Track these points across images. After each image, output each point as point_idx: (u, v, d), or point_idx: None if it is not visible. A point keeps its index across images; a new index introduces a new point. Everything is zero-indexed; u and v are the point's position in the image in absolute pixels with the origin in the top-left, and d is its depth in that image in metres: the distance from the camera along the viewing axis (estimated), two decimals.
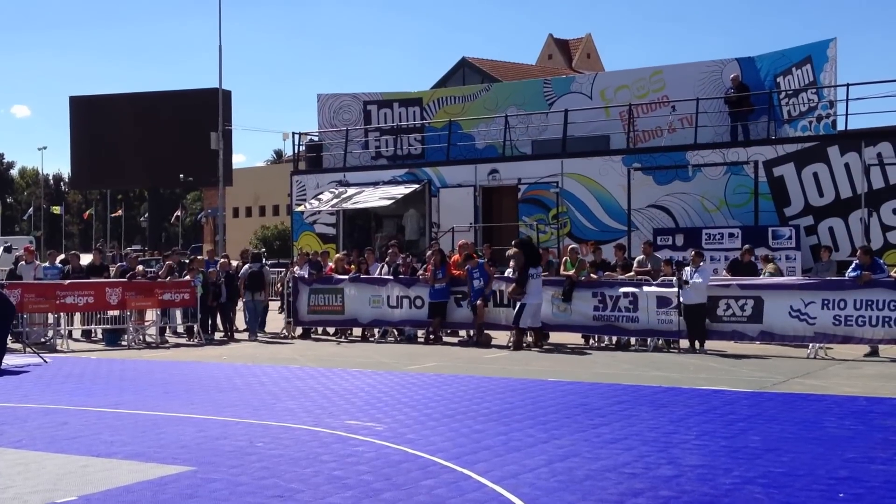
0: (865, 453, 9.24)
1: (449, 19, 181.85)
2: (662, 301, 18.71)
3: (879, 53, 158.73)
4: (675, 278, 18.49)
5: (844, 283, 17.69)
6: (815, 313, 17.59)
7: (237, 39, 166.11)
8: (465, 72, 60.39)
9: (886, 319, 17.14)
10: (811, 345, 17.71)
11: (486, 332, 20.41)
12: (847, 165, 23.03)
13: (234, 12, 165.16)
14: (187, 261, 24.09)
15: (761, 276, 19.22)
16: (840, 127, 24.77)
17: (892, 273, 17.50)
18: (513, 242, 21.06)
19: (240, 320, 23.99)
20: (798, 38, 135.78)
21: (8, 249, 20.78)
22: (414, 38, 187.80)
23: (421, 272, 21.41)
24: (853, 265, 17.91)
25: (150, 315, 22.79)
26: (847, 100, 24.28)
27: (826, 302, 17.57)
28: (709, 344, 18.43)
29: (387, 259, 22.52)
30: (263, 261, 24.86)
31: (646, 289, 19.02)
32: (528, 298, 19.32)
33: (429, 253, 22.05)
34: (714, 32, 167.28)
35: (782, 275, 19.92)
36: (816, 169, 23.37)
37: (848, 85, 24.37)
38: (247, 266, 23.58)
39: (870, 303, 17.25)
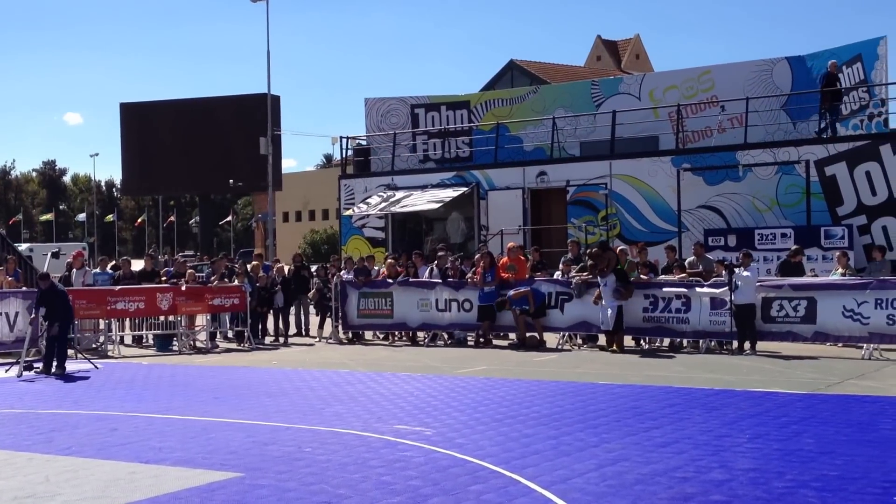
0: None
1: (496, 22, 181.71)
2: (715, 302, 18.50)
3: None
4: (726, 279, 18.27)
5: None
6: (869, 313, 17.27)
7: (286, 45, 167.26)
8: (514, 74, 60.20)
9: None
10: (865, 345, 17.42)
11: (532, 334, 20.29)
12: None
13: (282, 19, 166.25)
14: (236, 266, 24.28)
15: (834, 276, 18.89)
16: (892, 125, 24.44)
17: None
18: (593, 252, 20.35)
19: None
20: (848, 37, 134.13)
21: (56, 255, 20.98)
22: (462, 42, 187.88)
23: (469, 275, 21.35)
24: None
25: (201, 320, 22.96)
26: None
27: (879, 301, 17.25)
28: (763, 345, 18.21)
29: (435, 262, 22.49)
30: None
31: (697, 290, 18.82)
32: (620, 300, 19.02)
33: (477, 256, 21.99)
34: (765, 30, 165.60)
35: (856, 274, 19.50)
36: (869, 168, 23.03)
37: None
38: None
39: None
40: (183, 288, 21.94)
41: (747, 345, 18.08)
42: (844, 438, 9.97)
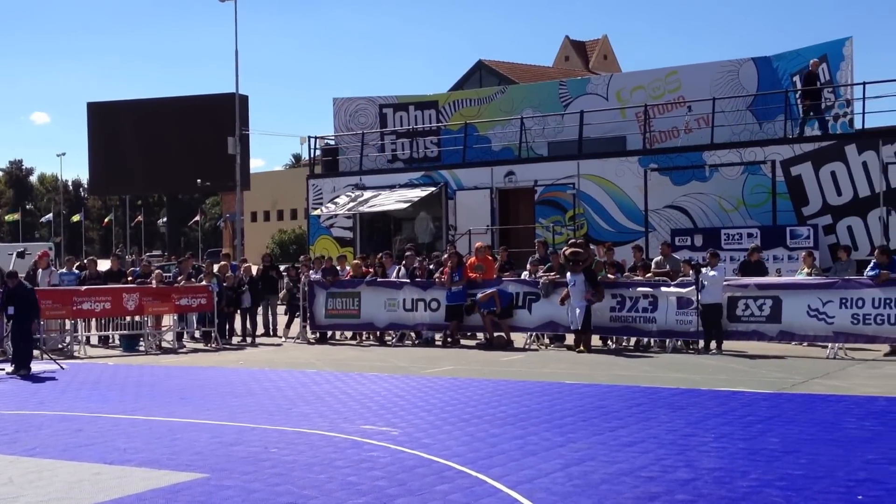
0: (886, 454, 9.13)
1: (465, 22, 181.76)
2: (681, 302, 18.59)
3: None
4: (693, 279, 18.36)
5: (861, 282, 17.52)
6: (834, 312, 17.41)
7: (255, 45, 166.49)
8: (482, 74, 60.35)
9: None
10: (831, 345, 17.55)
11: (499, 334, 20.31)
12: (865, 164, 22.91)
13: (251, 18, 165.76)
14: (203, 265, 24.17)
15: (800, 276, 19.03)
16: (857, 126, 24.65)
17: None
18: (578, 242, 20.48)
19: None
20: (814, 37, 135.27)
21: (21, 255, 20.88)
22: (431, 42, 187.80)
23: (437, 275, 21.34)
24: (871, 265, 17.78)
25: (168, 320, 22.82)
26: (864, 98, 24.21)
27: (844, 301, 17.39)
28: (729, 344, 18.31)
29: (403, 262, 22.47)
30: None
31: (664, 289, 18.90)
32: (588, 299, 19.07)
33: (445, 256, 22.00)
34: (730, 32, 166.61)
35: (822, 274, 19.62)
36: (834, 168, 23.25)
37: (864, 83, 24.29)
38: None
39: (888, 301, 17.04)
40: (153, 284, 21.88)
41: (713, 344, 18.18)
42: (809, 438, 10.03)
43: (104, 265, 26.08)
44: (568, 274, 19.33)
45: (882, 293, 17.13)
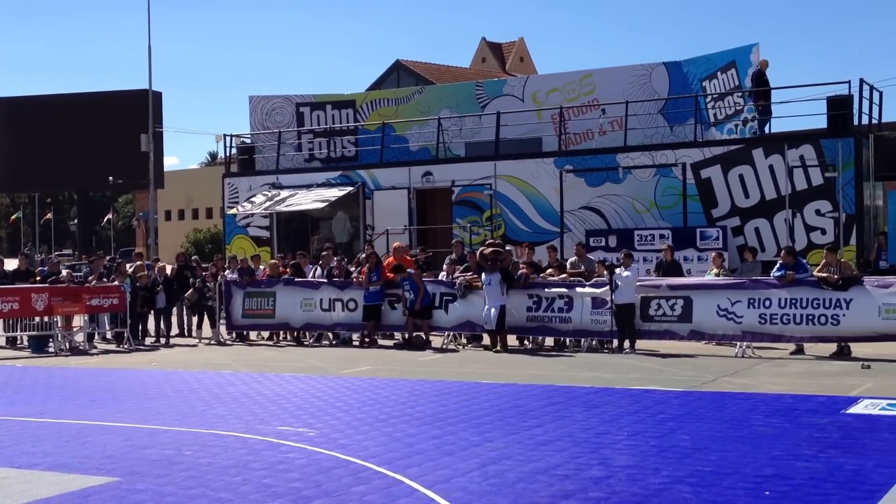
0: (791, 451, 9.38)
1: (383, 22, 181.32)
2: (596, 302, 18.84)
3: (799, 59, 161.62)
4: (607, 279, 18.62)
5: (768, 282, 17.95)
6: (742, 312, 17.81)
7: (169, 42, 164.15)
8: (400, 74, 60.31)
9: (810, 318, 17.40)
10: (739, 343, 17.94)
11: (417, 334, 20.36)
12: (771, 167, 23.41)
13: (164, 14, 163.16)
14: (115, 264, 23.79)
15: (709, 276, 19.38)
16: (765, 129, 25.19)
17: (815, 273, 17.77)
18: (497, 242, 20.69)
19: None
20: (723, 43, 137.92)
21: None
22: (348, 41, 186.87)
23: (355, 275, 21.32)
24: (777, 266, 18.24)
25: (78, 321, 22.41)
26: (770, 103, 24.71)
27: (752, 301, 17.81)
28: (642, 343, 18.59)
29: (320, 262, 22.39)
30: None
31: (579, 290, 19.13)
32: (504, 300, 19.23)
33: (363, 256, 21.97)
34: (644, 36, 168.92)
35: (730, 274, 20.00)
36: (742, 171, 23.71)
37: (770, 89, 24.81)
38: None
39: (794, 301, 17.51)
40: (63, 273, 21.51)
41: (627, 343, 18.46)
42: (718, 435, 10.26)
43: (11, 264, 25.53)
44: (483, 274, 19.46)
45: (788, 293, 17.60)
